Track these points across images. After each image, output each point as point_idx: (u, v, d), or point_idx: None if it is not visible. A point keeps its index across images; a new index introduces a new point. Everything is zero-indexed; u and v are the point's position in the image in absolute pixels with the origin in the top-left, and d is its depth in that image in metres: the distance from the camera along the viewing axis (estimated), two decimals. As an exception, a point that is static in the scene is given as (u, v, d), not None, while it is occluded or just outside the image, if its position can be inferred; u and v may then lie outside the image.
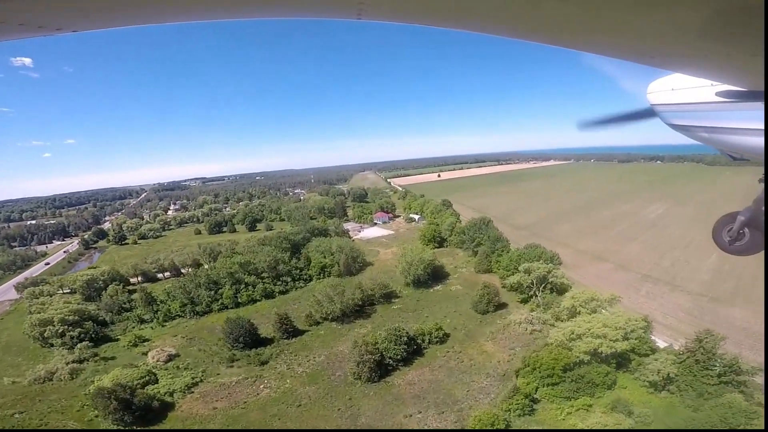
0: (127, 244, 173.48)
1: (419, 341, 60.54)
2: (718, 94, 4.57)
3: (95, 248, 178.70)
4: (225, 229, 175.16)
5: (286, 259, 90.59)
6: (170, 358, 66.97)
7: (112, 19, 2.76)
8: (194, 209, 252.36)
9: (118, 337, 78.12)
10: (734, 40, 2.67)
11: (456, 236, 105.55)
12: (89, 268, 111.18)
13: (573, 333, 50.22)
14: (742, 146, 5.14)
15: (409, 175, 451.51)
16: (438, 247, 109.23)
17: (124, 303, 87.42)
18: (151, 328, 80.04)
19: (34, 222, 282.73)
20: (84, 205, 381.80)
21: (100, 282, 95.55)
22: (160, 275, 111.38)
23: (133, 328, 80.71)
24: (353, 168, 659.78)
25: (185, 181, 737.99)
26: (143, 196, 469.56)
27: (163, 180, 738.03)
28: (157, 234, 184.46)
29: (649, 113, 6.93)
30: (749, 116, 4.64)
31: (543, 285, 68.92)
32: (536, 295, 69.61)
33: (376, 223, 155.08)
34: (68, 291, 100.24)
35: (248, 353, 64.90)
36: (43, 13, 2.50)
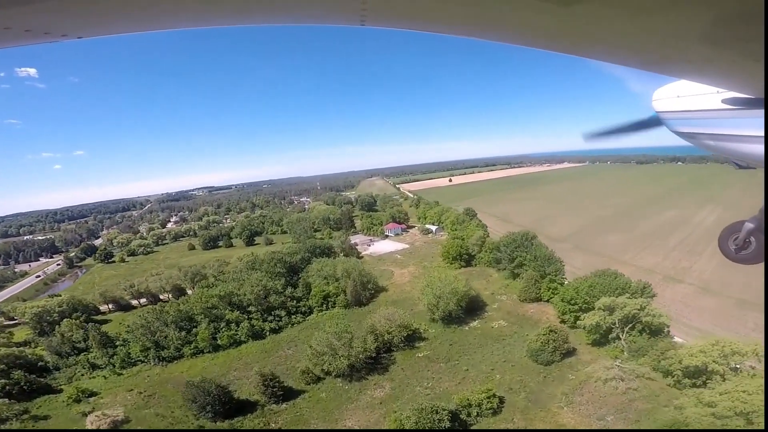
0: (114, 262, 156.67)
1: (463, 415, 41.02)
2: (724, 101, 4.44)
3: (80, 267, 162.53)
4: (221, 243, 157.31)
5: (279, 287, 71.54)
6: (115, 424, 48.75)
7: (117, 25, 2.71)
8: (193, 221, 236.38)
9: (62, 386, 60.20)
10: (739, 47, 2.61)
11: (488, 253, 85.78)
12: (48, 297, 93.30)
13: (732, 409, 30.69)
14: (748, 154, 4.94)
15: (418, 181, 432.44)
16: (465, 266, 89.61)
17: (78, 342, 69.32)
18: (104, 377, 61.73)
19: (29, 237, 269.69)
20: (85, 219, 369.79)
21: (55, 314, 77.62)
22: (135, 302, 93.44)
23: (83, 375, 62.73)
24: (360, 174, 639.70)
25: (193, 190, 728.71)
26: (147, 207, 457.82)
27: (172, 190, 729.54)
28: (148, 250, 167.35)
29: (654, 122, 6.70)
30: (755, 123, 4.42)
31: (630, 325, 48.95)
32: (619, 338, 49.68)
33: (387, 236, 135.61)
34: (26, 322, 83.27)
35: (221, 424, 46.33)
36: (49, 19, 2.48)
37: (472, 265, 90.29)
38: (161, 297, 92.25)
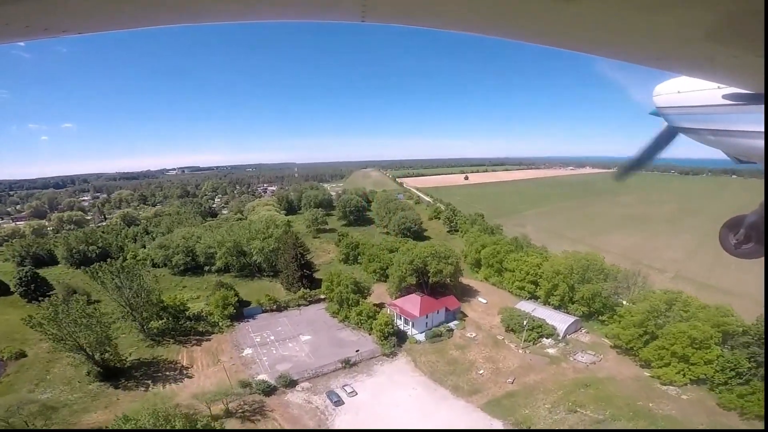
0: None
1: None
2: (724, 96, 4.32)
3: None
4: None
5: None
6: None
7: (116, 21, 2.64)
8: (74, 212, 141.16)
9: None
10: (740, 43, 2.56)
11: None
12: None
13: None
14: (749, 149, 4.76)
15: (423, 176, 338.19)
16: None
17: None
18: None
19: None
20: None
21: None
22: None
23: None
24: (354, 165, 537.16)
25: (171, 170, 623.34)
26: (89, 185, 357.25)
27: (158, 167, 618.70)
28: None
29: (671, 132, 6.10)
30: (755, 119, 4.31)
31: None
32: None
33: (408, 335, 42.35)
34: None
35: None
36: (48, 16, 2.41)
37: None
38: None
